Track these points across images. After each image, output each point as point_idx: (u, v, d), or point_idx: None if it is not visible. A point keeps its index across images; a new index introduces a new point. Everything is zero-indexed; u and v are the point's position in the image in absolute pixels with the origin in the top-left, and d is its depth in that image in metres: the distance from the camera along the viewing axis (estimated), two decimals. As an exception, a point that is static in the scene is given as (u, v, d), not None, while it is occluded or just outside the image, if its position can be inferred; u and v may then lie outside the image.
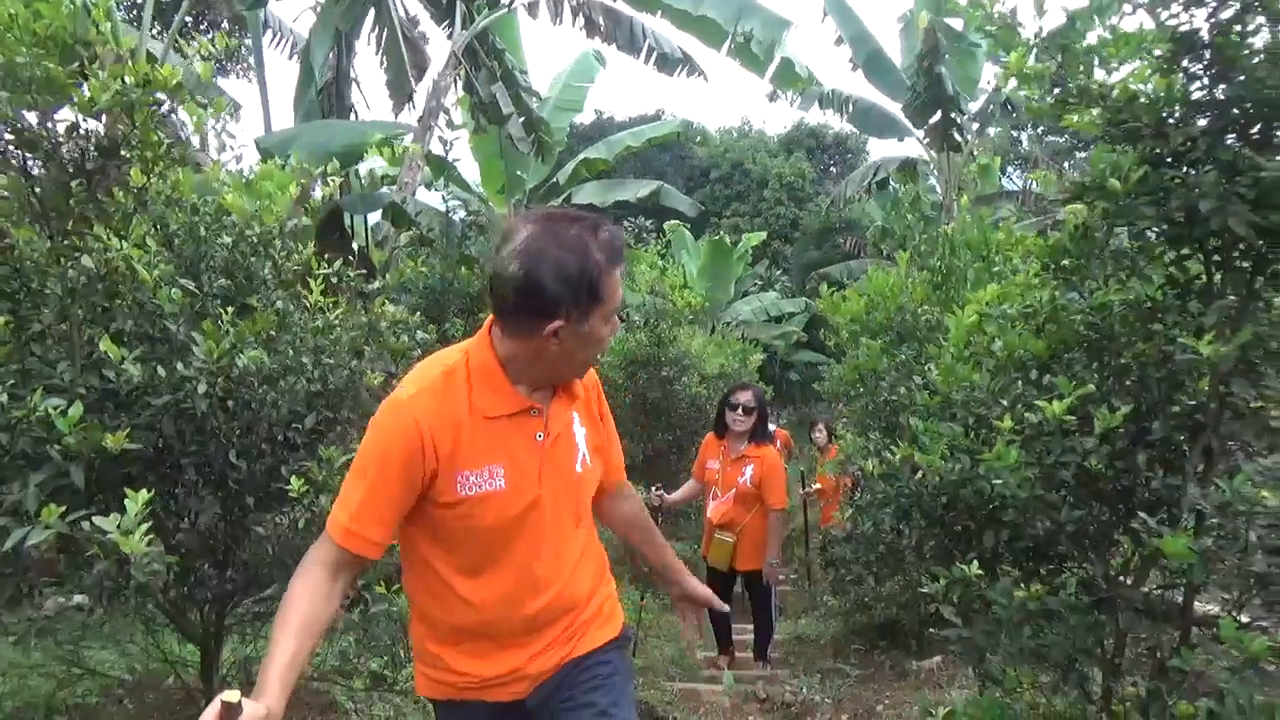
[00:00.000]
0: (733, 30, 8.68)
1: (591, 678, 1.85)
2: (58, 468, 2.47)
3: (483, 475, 1.67)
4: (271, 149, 5.79)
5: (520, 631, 1.79)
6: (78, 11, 2.84)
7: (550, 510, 1.76)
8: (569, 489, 1.79)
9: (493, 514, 1.69)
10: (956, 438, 2.95)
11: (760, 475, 5.24)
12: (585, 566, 1.88)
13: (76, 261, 2.74)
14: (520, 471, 1.71)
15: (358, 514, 1.64)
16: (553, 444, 1.75)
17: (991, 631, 2.87)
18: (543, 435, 1.73)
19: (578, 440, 1.81)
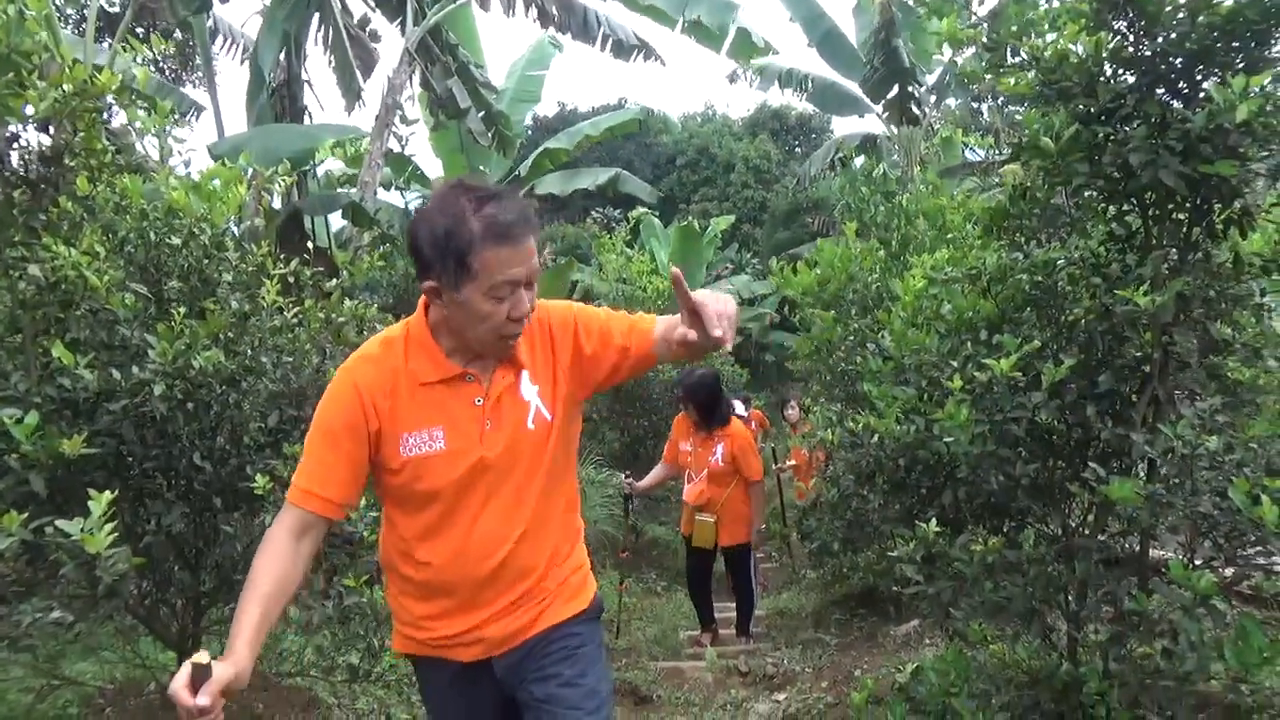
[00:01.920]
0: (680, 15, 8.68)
1: (560, 649, 1.89)
2: (18, 476, 2.47)
3: (422, 437, 1.76)
4: (224, 154, 5.76)
5: (474, 590, 1.82)
6: (11, 21, 2.82)
7: (498, 471, 1.78)
8: (519, 447, 1.80)
9: (436, 475, 1.76)
10: (910, 400, 3.00)
11: (730, 452, 5.31)
12: (544, 534, 1.87)
13: (24, 272, 2.73)
14: (460, 434, 1.76)
15: (310, 474, 1.75)
16: (494, 406, 1.78)
17: (955, 587, 2.93)
18: (481, 400, 1.77)
19: (526, 397, 1.81)
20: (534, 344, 1.83)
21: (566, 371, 1.86)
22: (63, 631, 3.44)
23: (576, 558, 1.98)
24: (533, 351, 1.83)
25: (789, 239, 21.60)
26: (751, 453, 5.40)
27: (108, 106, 3.04)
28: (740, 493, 5.43)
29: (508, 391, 1.80)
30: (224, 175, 3.23)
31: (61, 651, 3.92)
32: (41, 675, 3.54)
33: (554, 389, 1.84)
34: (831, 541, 3.81)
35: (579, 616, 1.94)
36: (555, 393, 1.84)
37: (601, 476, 7.98)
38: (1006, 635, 3.11)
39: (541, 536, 1.86)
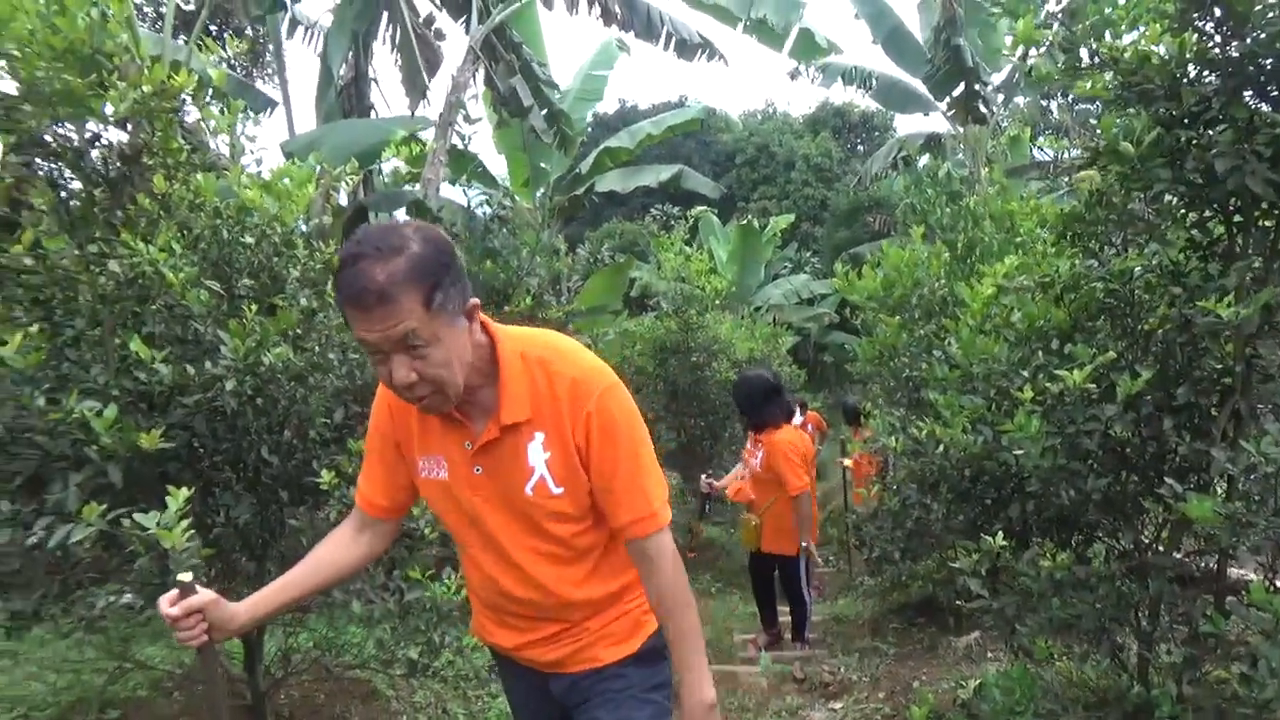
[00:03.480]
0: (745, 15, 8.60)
1: (603, 691, 1.83)
2: (96, 468, 2.55)
3: (432, 461, 1.75)
4: (296, 153, 5.88)
5: (509, 614, 1.82)
6: (95, 24, 2.90)
7: (494, 524, 1.71)
8: (515, 509, 1.69)
9: (445, 503, 1.77)
10: (978, 410, 2.94)
11: (768, 461, 5.24)
12: (560, 594, 1.76)
13: (106, 268, 2.81)
14: (456, 473, 1.72)
15: (362, 477, 1.88)
16: (482, 454, 1.67)
17: (1021, 603, 2.87)
18: (470, 444, 1.68)
19: (531, 460, 1.65)
20: (559, 409, 1.64)
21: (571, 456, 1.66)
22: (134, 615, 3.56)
23: (622, 606, 1.84)
24: (558, 416, 1.64)
25: (849, 238, 21.35)
26: (787, 464, 5.14)
27: (183, 105, 3.11)
28: (785, 505, 5.29)
29: (507, 446, 1.65)
30: (295, 175, 3.28)
31: (132, 635, 4.04)
32: (113, 658, 3.66)
33: (564, 466, 1.66)
34: (892, 550, 3.74)
35: (627, 659, 1.84)
36: (562, 471, 1.66)
37: (657, 476, 7.96)
38: (1074, 654, 3.03)
39: (558, 595, 1.76)
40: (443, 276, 1.48)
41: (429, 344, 1.48)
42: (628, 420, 1.66)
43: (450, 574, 3.14)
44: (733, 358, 9.81)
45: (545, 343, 1.69)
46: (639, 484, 1.66)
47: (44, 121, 2.94)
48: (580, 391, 1.62)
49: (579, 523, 1.72)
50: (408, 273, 1.43)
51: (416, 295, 1.44)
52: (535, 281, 6.13)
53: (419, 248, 1.46)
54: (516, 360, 1.64)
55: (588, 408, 1.62)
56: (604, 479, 1.66)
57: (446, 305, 1.49)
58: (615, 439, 1.64)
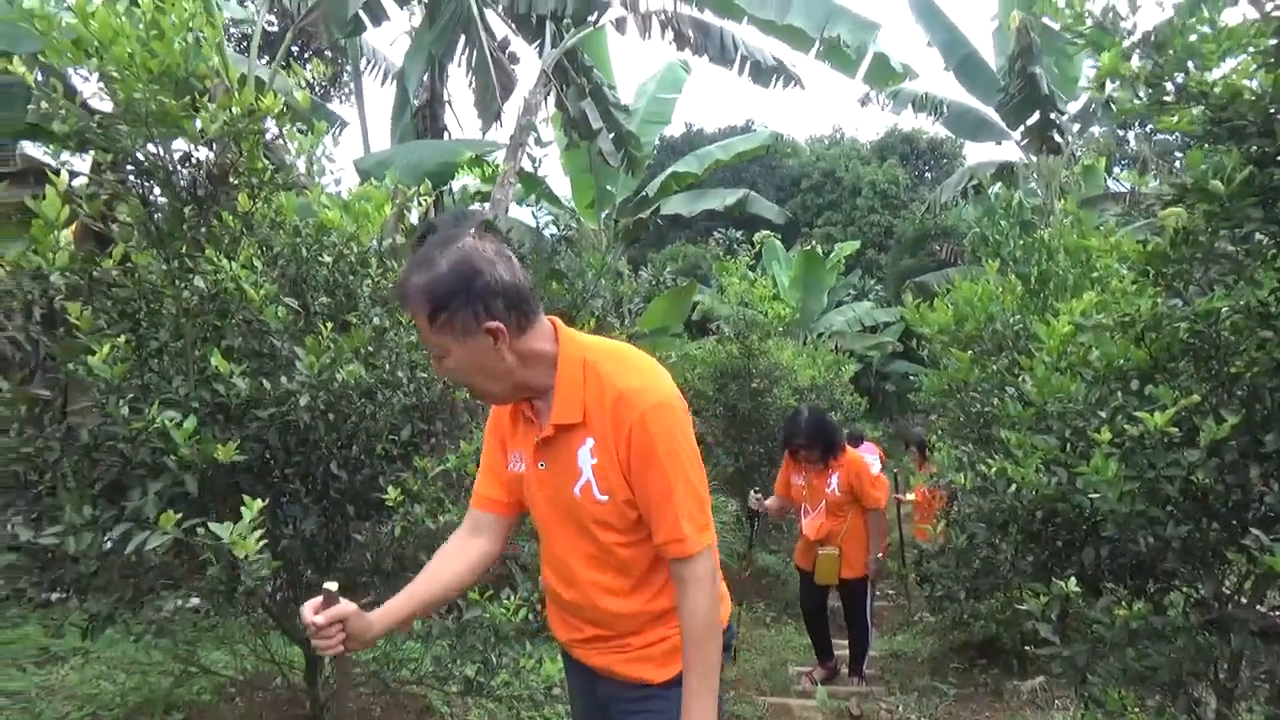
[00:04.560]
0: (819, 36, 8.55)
1: (640, 711, 1.87)
2: (174, 477, 2.63)
3: (516, 455, 1.91)
4: (369, 171, 6.02)
5: (561, 607, 1.94)
6: (189, 48, 3.02)
7: (551, 521, 1.85)
8: (566, 509, 1.80)
9: (526, 493, 1.91)
10: (1052, 451, 2.86)
11: (846, 480, 5.23)
12: (611, 599, 1.81)
13: (190, 282, 2.90)
14: (529, 467, 1.86)
15: (479, 477, 2.01)
16: (544, 449, 1.80)
17: (1093, 651, 2.77)
18: (538, 439, 1.80)
19: (581, 464, 1.73)
20: (606, 418, 1.69)
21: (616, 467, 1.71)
22: (200, 620, 3.65)
23: (665, 630, 1.84)
24: (604, 426, 1.70)
25: (915, 266, 21.06)
26: (868, 479, 5.31)
27: (270, 128, 3.20)
28: (860, 523, 5.32)
29: (563, 447, 1.76)
30: (373, 196, 3.36)
31: (198, 639, 4.14)
32: (179, 661, 3.75)
33: (608, 475, 1.72)
34: (958, 590, 3.65)
35: (660, 685, 1.84)
36: (607, 480, 1.72)
37: (717, 502, 7.92)
38: (1148, 707, 2.91)
39: (598, 603, 1.84)
40: (450, 301, 1.62)
41: (441, 352, 1.68)
42: (668, 440, 1.68)
43: (509, 594, 3.16)
44: (794, 384, 9.72)
45: (612, 352, 1.76)
46: (671, 507, 1.69)
47: (138, 140, 3.06)
48: (624, 406, 1.67)
49: (622, 534, 1.76)
50: (422, 289, 1.63)
51: (424, 310, 1.63)
52: (599, 303, 6.16)
53: (442, 269, 1.63)
54: (576, 366, 1.73)
55: (630, 423, 1.66)
56: (643, 498, 1.71)
57: (453, 324, 1.64)
58: (652, 458, 1.67)
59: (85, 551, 2.61)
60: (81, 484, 2.82)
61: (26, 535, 2.61)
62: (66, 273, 2.79)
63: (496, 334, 1.67)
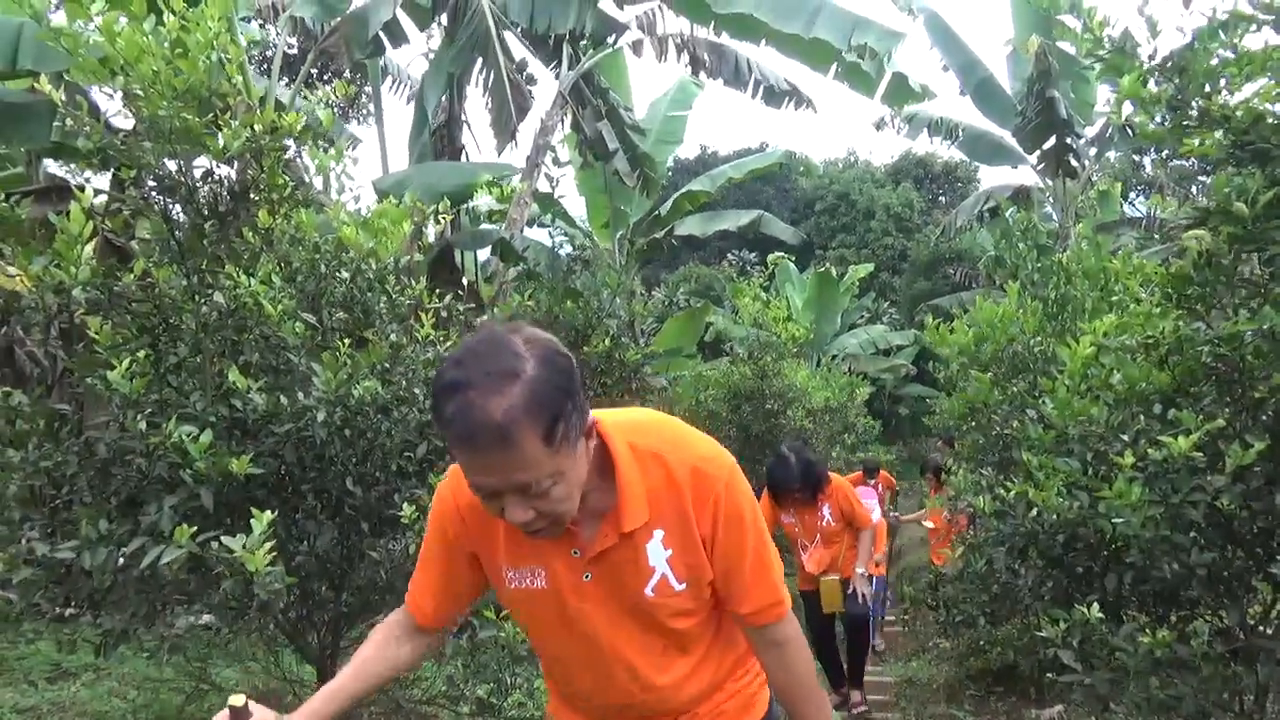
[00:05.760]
0: (846, 46, 8.55)
1: None
2: (190, 491, 2.63)
3: (524, 573, 1.57)
4: (387, 190, 6.06)
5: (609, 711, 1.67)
6: (213, 66, 3.05)
7: (601, 626, 1.56)
8: (632, 609, 1.56)
9: (542, 611, 1.59)
10: (1074, 474, 2.83)
11: (838, 510, 5.19)
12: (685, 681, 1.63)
13: (209, 298, 2.92)
14: (559, 581, 1.55)
15: (415, 578, 1.69)
16: (596, 560, 1.52)
17: (1115, 680, 2.73)
18: (579, 552, 1.52)
19: (652, 561, 1.52)
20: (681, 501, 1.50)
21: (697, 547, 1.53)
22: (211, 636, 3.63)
23: (733, 685, 1.71)
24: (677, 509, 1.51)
25: (929, 290, 21.05)
26: (858, 502, 5.27)
27: (292, 146, 3.23)
28: (853, 538, 5.29)
29: (623, 553, 1.51)
30: (392, 214, 3.37)
31: (209, 656, 4.12)
32: (191, 678, 3.73)
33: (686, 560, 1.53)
34: (977, 615, 3.61)
35: None
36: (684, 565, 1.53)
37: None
38: (1172, 737, 2.86)
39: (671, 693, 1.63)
40: (565, 405, 1.28)
41: (551, 484, 1.31)
42: (751, 506, 1.55)
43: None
44: (807, 406, 9.69)
45: (652, 430, 1.55)
46: (768, 571, 1.56)
47: (160, 157, 3.09)
48: (705, 480, 1.49)
49: (696, 615, 1.59)
50: (526, 406, 1.23)
51: (537, 433, 1.24)
52: (614, 323, 6.18)
53: (536, 369, 1.26)
54: (629, 456, 1.48)
55: (715, 494, 1.49)
56: (730, 568, 1.54)
57: (569, 435, 1.30)
58: (741, 526, 1.52)
59: (101, 566, 2.61)
60: (98, 498, 2.83)
61: (43, 549, 2.61)
62: (88, 287, 2.81)
63: (592, 432, 1.42)
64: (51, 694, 4.14)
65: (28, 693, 4.13)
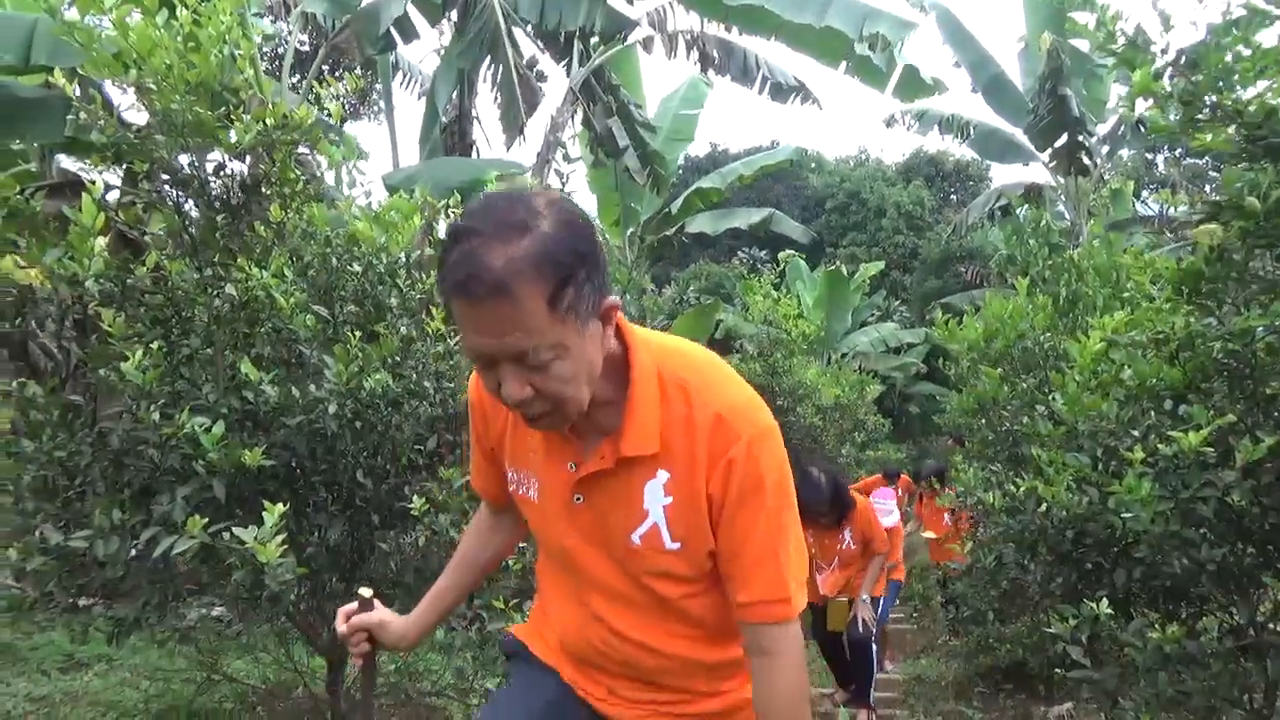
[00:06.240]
0: (857, 36, 8.53)
1: None
2: (202, 482, 2.65)
3: (521, 476, 1.45)
4: (398, 185, 6.07)
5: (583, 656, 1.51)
6: (225, 60, 3.07)
7: (587, 567, 1.41)
8: (614, 555, 1.37)
9: (536, 524, 1.49)
10: (1084, 469, 2.82)
11: (859, 534, 4.97)
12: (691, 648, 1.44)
13: (222, 291, 2.94)
14: (549, 496, 1.41)
15: (471, 465, 1.66)
16: (586, 482, 1.35)
17: (1124, 675, 2.72)
18: (574, 466, 1.35)
19: (648, 504, 1.32)
20: (694, 448, 1.29)
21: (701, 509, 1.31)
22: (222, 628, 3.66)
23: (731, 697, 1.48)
24: (689, 456, 1.30)
25: (939, 288, 20.99)
26: (877, 525, 5.01)
27: (302, 139, 3.24)
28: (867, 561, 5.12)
29: (618, 481, 1.32)
30: (403, 208, 3.38)
31: (221, 648, 4.15)
32: (203, 669, 3.76)
33: (684, 518, 1.31)
34: (986, 611, 3.60)
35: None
36: (681, 524, 1.32)
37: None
38: (1181, 733, 2.85)
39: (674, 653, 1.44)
40: (576, 269, 1.13)
41: (552, 356, 1.15)
42: (778, 478, 1.31)
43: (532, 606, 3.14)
44: (817, 403, 9.68)
45: (691, 361, 1.34)
46: (777, 559, 1.31)
47: (173, 151, 3.11)
48: (726, 432, 1.27)
49: (691, 584, 1.38)
50: (532, 259, 1.10)
51: (540, 291, 1.10)
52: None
53: (551, 227, 1.12)
54: (652, 377, 1.29)
55: (731, 453, 1.27)
56: (734, 545, 1.31)
57: (578, 305, 1.15)
58: (759, 499, 1.28)
59: (114, 556, 2.63)
60: (111, 489, 2.85)
61: (57, 539, 2.63)
62: (101, 280, 2.83)
63: (610, 315, 1.23)
64: (64, 683, 4.18)
65: (41, 682, 4.17)
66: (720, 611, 1.40)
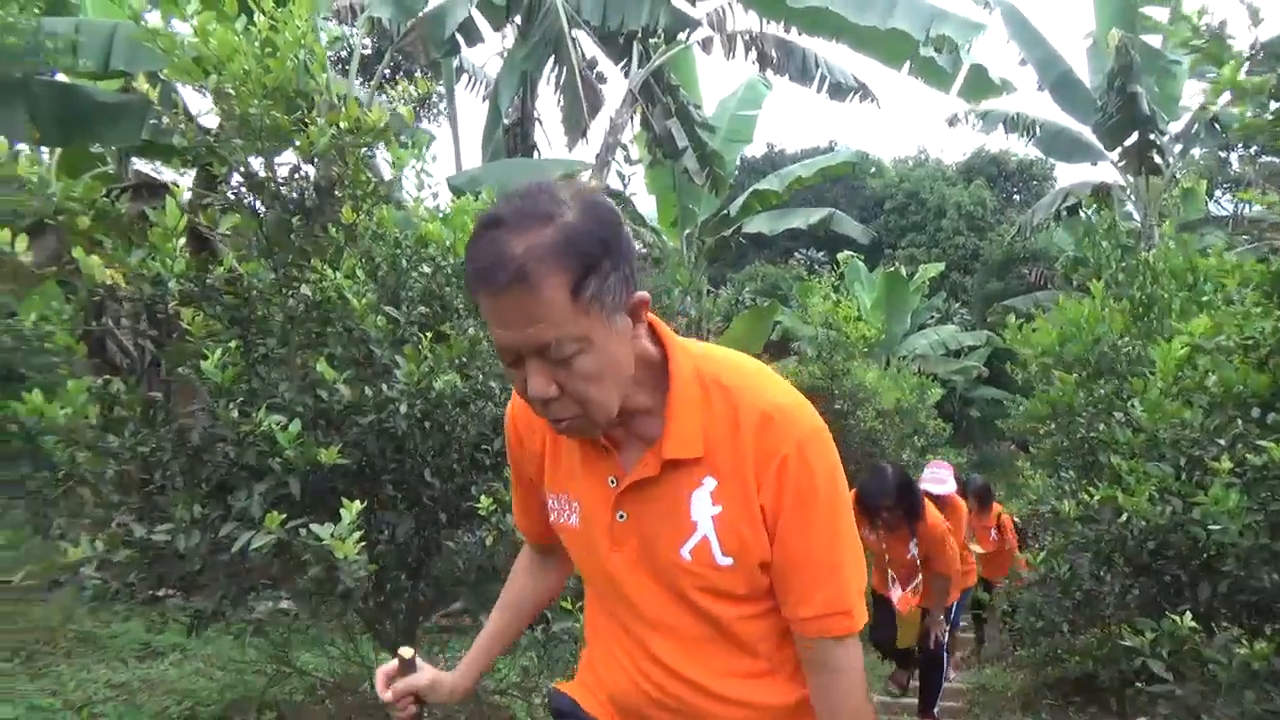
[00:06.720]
0: (924, 38, 8.38)
1: None
2: (278, 479, 2.70)
3: (561, 502, 1.38)
4: (461, 187, 6.15)
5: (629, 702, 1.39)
6: (300, 65, 3.13)
7: (633, 591, 1.32)
8: (661, 573, 1.28)
9: (579, 555, 1.41)
10: (1166, 479, 2.74)
11: (925, 549, 4.61)
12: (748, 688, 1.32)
13: (296, 291, 2.99)
14: (591, 517, 1.33)
15: (513, 501, 1.59)
16: (632, 496, 1.27)
17: (1208, 692, 2.63)
18: (615, 481, 1.28)
19: (695, 515, 1.24)
20: (742, 453, 1.22)
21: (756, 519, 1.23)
22: (293, 621, 3.74)
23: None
24: (736, 461, 1.22)
25: (1002, 290, 20.58)
26: (945, 548, 4.62)
27: (374, 142, 3.29)
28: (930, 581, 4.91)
29: (663, 491, 1.25)
30: (470, 209, 3.42)
31: (290, 641, 4.24)
32: (274, 661, 3.84)
33: (737, 528, 1.23)
34: (1060, 622, 3.51)
35: None
36: (733, 535, 1.23)
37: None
38: (1268, 753, 2.75)
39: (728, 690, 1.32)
40: (601, 258, 1.10)
41: (576, 349, 1.11)
42: (831, 481, 1.23)
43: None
44: (877, 407, 9.56)
45: (730, 362, 1.29)
46: (837, 569, 1.24)
47: (249, 154, 3.18)
48: (774, 433, 1.20)
49: (748, 603, 1.28)
50: (554, 247, 1.07)
51: (562, 280, 1.07)
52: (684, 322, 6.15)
53: (575, 216, 1.10)
54: (693, 380, 1.24)
55: (783, 454, 1.19)
56: (792, 556, 1.23)
57: (603, 297, 1.10)
58: (813, 504, 1.21)
59: (193, 549, 2.69)
60: (189, 484, 2.92)
61: (140, 532, 2.71)
62: (182, 280, 2.90)
63: (639, 310, 1.18)
64: (141, 671, 4.30)
65: (119, 669, 4.30)
66: (780, 639, 1.31)
